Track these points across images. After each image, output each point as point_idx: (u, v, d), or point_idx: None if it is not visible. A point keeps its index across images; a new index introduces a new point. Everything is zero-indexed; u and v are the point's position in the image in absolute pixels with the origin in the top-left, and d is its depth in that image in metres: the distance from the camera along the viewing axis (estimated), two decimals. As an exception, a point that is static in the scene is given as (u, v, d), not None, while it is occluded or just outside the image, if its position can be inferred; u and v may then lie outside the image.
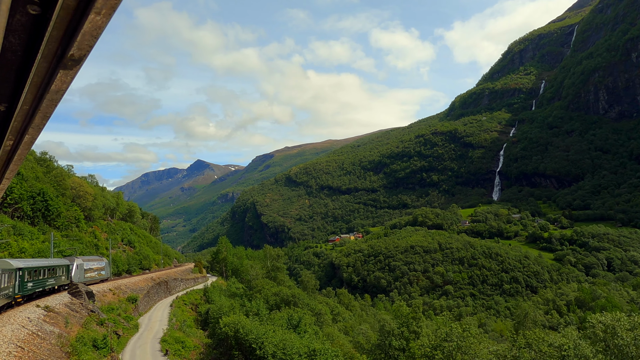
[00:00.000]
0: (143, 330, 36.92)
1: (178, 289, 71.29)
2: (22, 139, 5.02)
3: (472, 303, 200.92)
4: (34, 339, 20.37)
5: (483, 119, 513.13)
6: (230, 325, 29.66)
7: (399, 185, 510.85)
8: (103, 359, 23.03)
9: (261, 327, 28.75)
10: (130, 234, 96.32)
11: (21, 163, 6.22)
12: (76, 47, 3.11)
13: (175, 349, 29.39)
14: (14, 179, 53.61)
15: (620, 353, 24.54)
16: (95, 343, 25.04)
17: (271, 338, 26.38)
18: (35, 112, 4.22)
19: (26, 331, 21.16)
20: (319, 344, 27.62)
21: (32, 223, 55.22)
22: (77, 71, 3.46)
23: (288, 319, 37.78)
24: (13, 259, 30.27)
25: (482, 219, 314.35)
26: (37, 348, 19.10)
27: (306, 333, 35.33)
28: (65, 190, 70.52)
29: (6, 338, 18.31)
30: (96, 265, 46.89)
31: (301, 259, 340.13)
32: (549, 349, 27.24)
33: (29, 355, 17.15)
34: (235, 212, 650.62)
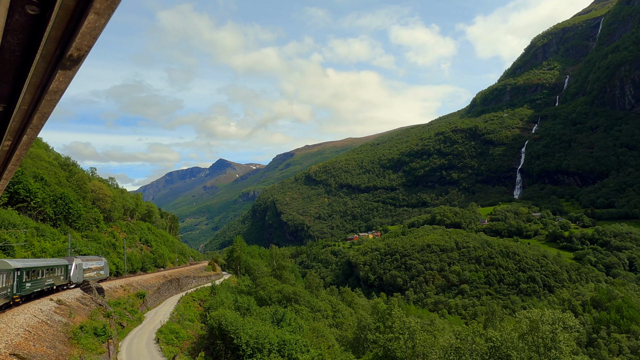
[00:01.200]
0: (146, 323, 40.83)
1: (190, 286, 75.59)
2: (21, 139, 5.07)
3: (488, 302, 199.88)
4: (42, 326, 24.17)
5: (504, 115, 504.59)
6: (215, 318, 33.25)
7: (418, 183, 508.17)
8: (101, 345, 26.84)
9: (240, 320, 32.17)
10: (148, 234, 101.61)
11: (19, 163, 6.26)
12: (75, 48, 3.10)
13: (169, 339, 33.03)
14: (38, 184, 58.70)
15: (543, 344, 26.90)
16: (96, 331, 28.84)
17: (247, 329, 29.86)
18: (34, 112, 4.28)
19: (36, 320, 25.01)
20: (289, 335, 30.87)
21: (55, 225, 60.24)
22: (75, 71, 3.47)
23: (273, 313, 41.22)
24: (11, 259, 30.65)
25: (502, 217, 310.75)
26: (43, 333, 22.83)
27: (289, 326, 38.72)
28: (85, 194, 75.84)
29: (17, 324, 22.12)
30: (95, 265, 47.91)
31: (319, 257, 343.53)
32: (481, 340, 29.59)
33: (34, 338, 20.85)
34: (255, 211, 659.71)
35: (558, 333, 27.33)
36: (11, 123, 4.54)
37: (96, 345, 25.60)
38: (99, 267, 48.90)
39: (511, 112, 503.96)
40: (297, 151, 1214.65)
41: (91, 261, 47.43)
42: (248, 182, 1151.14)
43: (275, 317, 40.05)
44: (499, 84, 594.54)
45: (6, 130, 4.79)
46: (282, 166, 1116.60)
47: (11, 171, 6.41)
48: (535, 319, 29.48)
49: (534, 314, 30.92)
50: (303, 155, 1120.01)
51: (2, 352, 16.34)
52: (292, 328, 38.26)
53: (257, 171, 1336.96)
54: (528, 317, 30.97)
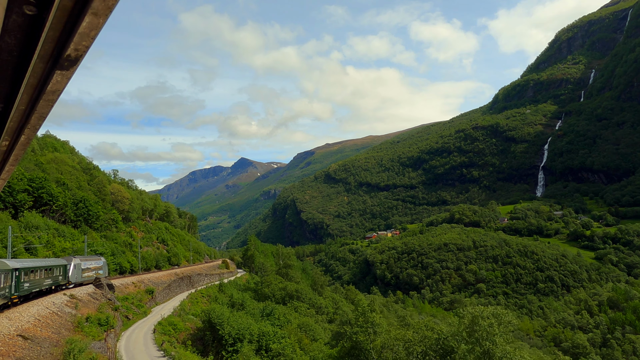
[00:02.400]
0: (151, 316, 44.86)
1: (201, 283, 79.99)
2: (18, 139, 5.05)
3: (505, 302, 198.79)
4: (52, 316, 28.17)
5: (527, 112, 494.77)
6: (205, 312, 36.90)
7: (438, 181, 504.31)
8: (102, 333, 30.77)
9: (227, 314, 35.69)
10: (165, 233, 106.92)
11: (17, 164, 6.14)
12: (73, 48, 3.08)
13: (166, 330, 36.79)
14: (59, 188, 63.93)
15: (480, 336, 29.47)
16: (100, 322, 32.83)
17: (231, 322, 33.41)
18: (32, 112, 4.26)
19: (48, 311, 29.06)
20: (270, 328, 34.23)
21: (75, 226, 65.39)
22: (73, 72, 3.45)
23: (262, 309, 44.68)
24: (9, 259, 31.00)
25: (522, 216, 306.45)
26: (51, 321, 26.76)
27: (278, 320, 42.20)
28: (105, 196, 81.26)
29: (29, 314, 26.11)
30: (94, 264, 48.37)
31: (337, 256, 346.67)
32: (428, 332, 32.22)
33: (42, 325, 24.73)
34: (276, 209, 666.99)
35: (494, 327, 30.04)
36: (9, 123, 4.59)
37: (97, 333, 29.56)
38: (97, 267, 49.43)
39: (534, 109, 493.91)
40: (318, 149, 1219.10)
41: (90, 261, 47.96)
42: (269, 181, 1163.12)
43: (264, 312, 43.63)
44: (522, 80, 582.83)
45: (4, 131, 4.81)
46: (303, 164, 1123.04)
47: (9, 171, 6.40)
48: (476, 314, 31.90)
49: (476, 310, 33.34)
50: (323, 154, 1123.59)
51: (11, 333, 20.14)
52: (280, 322, 41.83)
53: (278, 170, 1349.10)
54: (471, 312, 33.42)
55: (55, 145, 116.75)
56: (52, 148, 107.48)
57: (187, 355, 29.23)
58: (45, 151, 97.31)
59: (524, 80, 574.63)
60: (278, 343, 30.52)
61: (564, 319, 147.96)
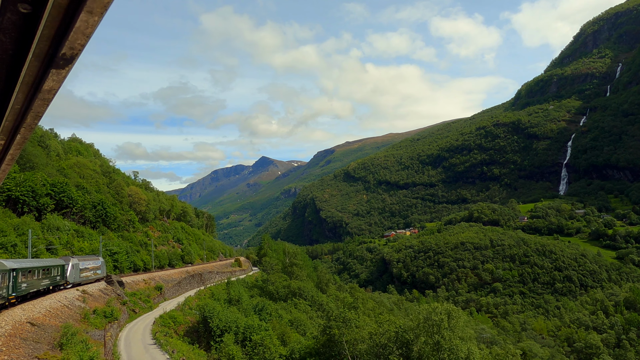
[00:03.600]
0: (156, 310, 48.89)
1: (212, 280, 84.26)
2: (14, 138, 5.01)
3: (521, 301, 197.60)
4: (62, 308, 32.29)
5: (550, 107, 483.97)
6: (200, 306, 40.64)
7: (458, 179, 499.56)
8: (107, 324, 34.77)
9: (218, 308, 39.28)
10: (181, 232, 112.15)
11: (13, 163, 6.03)
12: (68, 46, 3.06)
13: (166, 322, 40.62)
14: (79, 192, 69.15)
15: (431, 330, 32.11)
16: (105, 314, 36.89)
17: (220, 315, 37.01)
18: (27, 111, 4.23)
19: (59, 304, 33.20)
20: (255, 321, 37.62)
21: (94, 227, 70.55)
22: (69, 70, 3.41)
23: (255, 305, 48.15)
24: (7, 260, 30.96)
25: (542, 214, 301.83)
26: (61, 313, 30.82)
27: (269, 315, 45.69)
28: (123, 198, 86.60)
29: (41, 306, 30.22)
30: (92, 264, 48.42)
31: (355, 254, 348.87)
32: (391, 327, 34.97)
33: (51, 315, 28.72)
34: (296, 208, 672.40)
35: (444, 322, 32.80)
36: (4, 122, 4.55)
37: (102, 324, 33.56)
38: (96, 267, 49.63)
39: (557, 104, 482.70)
40: (338, 148, 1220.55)
41: (88, 261, 48.16)
42: (290, 179, 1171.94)
43: (257, 308, 47.17)
44: (545, 75, 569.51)
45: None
46: (323, 163, 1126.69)
47: (5, 171, 6.30)
48: (430, 311, 34.49)
49: (430, 307, 35.91)
50: (343, 152, 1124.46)
51: (22, 320, 24.03)
52: (271, 317, 45.38)
53: (298, 168, 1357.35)
54: (426, 309, 36.06)
55: (80, 148, 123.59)
56: (76, 152, 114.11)
57: (175, 342, 32.92)
58: (70, 155, 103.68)
59: (547, 75, 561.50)
60: (257, 334, 33.90)
61: (578, 319, 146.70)
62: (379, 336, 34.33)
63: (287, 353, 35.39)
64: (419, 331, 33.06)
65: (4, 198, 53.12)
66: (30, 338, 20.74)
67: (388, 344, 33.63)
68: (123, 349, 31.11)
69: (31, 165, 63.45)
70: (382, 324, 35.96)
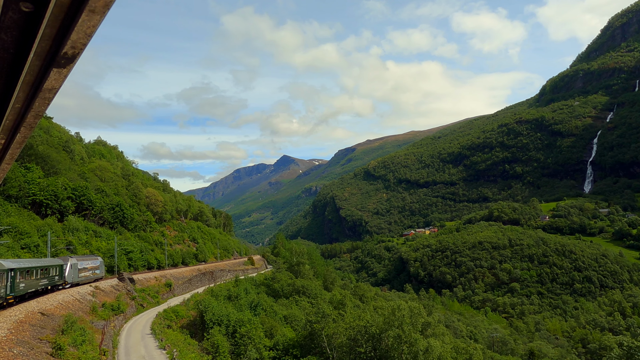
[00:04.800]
0: (163, 305, 52.84)
1: (223, 278, 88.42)
2: (14, 137, 5.03)
3: (538, 302, 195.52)
4: (74, 302, 36.51)
5: (575, 104, 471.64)
6: (198, 301, 44.52)
7: (479, 177, 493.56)
8: (113, 316, 38.92)
9: (214, 303, 42.92)
10: (196, 232, 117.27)
11: (13, 162, 5.93)
12: (70, 46, 3.07)
13: (168, 316, 44.49)
14: (98, 195, 74.45)
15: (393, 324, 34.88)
16: (113, 307, 41.07)
17: (214, 309, 40.66)
18: (28, 110, 4.24)
19: (72, 298, 37.46)
20: (247, 316, 41.04)
21: (112, 227, 75.76)
22: (70, 69, 3.42)
23: (250, 301, 51.65)
24: (5, 260, 30.94)
25: (564, 213, 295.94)
26: (72, 306, 34.98)
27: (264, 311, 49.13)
28: (140, 200, 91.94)
29: (55, 300, 34.44)
30: (90, 264, 48.64)
31: (373, 253, 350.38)
32: (361, 322, 37.86)
33: (62, 307, 32.84)
34: (316, 206, 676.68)
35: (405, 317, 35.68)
36: (4, 121, 4.55)
37: (108, 316, 37.75)
38: (94, 267, 49.91)
39: (583, 100, 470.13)
40: (359, 146, 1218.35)
41: (86, 260, 48.41)
42: (311, 178, 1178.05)
43: (252, 304, 50.72)
44: (571, 70, 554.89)
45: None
46: (344, 161, 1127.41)
47: (4, 169, 6.14)
48: (394, 307, 37.14)
49: (394, 304, 38.56)
50: (364, 150, 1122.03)
51: (35, 311, 28.10)
52: (266, 313, 48.91)
53: (319, 167, 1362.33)
54: (391, 306, 38.69)
55: (103, 151, 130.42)
56: (99, 155, 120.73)
57: (169, 332, 36.60)
58: (93, 159, 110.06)
59: (572, 70, 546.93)
60: (244, 327, 37.27)
61: (594, 320, 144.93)
62: (350, 330, 37.43)
63: (272, 345, 38.87)
64: (384, 326, 35.96)
65: (29, 202, 58.52)
66: (37, 324, 24.73)
67: (357, 337, 36.73)
68: (124, 337, 35.16)
69: (55, 171, 68.95)
70: (354, 319, 39.00)
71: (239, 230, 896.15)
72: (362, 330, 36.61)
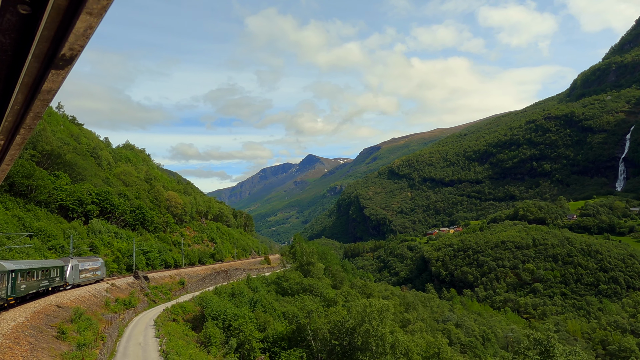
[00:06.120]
0: (174, 301, 57.63)
1: (238, 276, 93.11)
2: (14, 139, 5.06)
3: (562, 302, 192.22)
4: (90, 297, 41.46)
5: (607, 98, 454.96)
6: (200, 297, 48.96)
7: (506, 175, 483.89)
8: (124, 310, 43.70)
9: (215, 300, 47.07)
10: (215, 232, 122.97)
11: (12, 163, 5.96)
12: (68, 47, 3.08)
13: (176, 311, 49.04)
14: (120, 199, 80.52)
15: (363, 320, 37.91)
16: (125, 302, 45.88)
17: (213, 305, 44.87)
18: (27, 112, 4.26)
19: (88, 294, 42.43)
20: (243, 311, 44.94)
21: (133, 229, 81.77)
22: (68, 71, 3.43)
23: (250, 298, 55.64)
24: (6, 261, 31.02)
25: (593, 212, 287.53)
26: (87, 300, 39.85)
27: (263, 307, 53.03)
28: (160, 202, 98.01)
29: (73, 295, 39.38)
30: (91, 265, 48.97)
31: (395, 252, 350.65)
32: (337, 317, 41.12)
33: (78, 301, 37.61)
34: (340, 205, 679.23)
35: (374, 313, 38.78)
36: (4, 123, 4.57)
37: (120, 309, 42.59)
38: (95, 268, 50.38)
39: (616, 94, 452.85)
40: (384, 144, 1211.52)
41: (87, 262, 48.77)
42: (336, 177, 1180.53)
43: (252, 301, 54.73)
44: (603, 63, 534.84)
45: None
46: (369, 160, 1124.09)
47: (4, 171, 6.26)
48: (366, 304, 40.12)
49: (366, 302, 41.53)
50: (389, 148, 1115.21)
51: (52, 304, 32.92)
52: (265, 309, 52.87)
53: (344, 165, 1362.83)
54: (364, 302, 41.69)
55: (129, 156, 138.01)
56: (125, 159, 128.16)
57: (170, 324, 40.90)
58: (120, 163, 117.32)
59: (605, 63, 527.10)
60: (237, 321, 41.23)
61: (615, 322, 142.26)
62: (329, 325, 40.82)
63: (262, 337, 42.69)
64: (354, 321, 39.19)
65: (57, 206, 64.70)
66: (52, 314, 29.42)
67: (334, 331, 40.09)
68: (130, 327, 39.81)
69: (81, 177, 75.34)
70: (331, 314, 42.46)
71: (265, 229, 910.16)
72: (339, 325, 40.06)
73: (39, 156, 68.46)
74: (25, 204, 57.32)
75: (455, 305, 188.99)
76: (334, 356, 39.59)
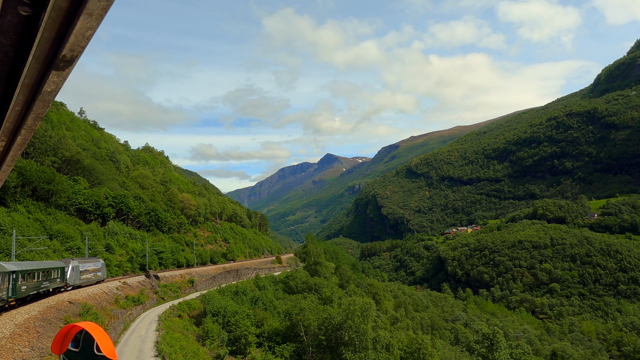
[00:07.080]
0: (182, 299, 61.22)
1: (248, 275, 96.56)
2: (15, 140, 5.04)
3: (579, 303, 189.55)
4: (101, 294, 45.10)
5: (632, 93, 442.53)
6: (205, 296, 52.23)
7: (526, 174, 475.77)
8: (133, 306, 47.19)
9: (217, 297, 50.16)
10: (229, 232, 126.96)
11: (13, 164, 6.03)
12: (68, 48, 3.06)
13: (182, 308, 52.41)
14: (136, 202, 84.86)
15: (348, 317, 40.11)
16: (134, 299, 49.47)
17: (215, 302, 48.03)
18: (28, 113, 4.25)
19: (100, 291, 46.09)
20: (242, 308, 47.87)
21: (148, 230, 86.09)
22: (69, 72, 3.42)
23: (252, 297, 58.66)
24: (6, 262, 31.22)
25: (614, 211, 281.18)
26: (98, 297, 43.47)
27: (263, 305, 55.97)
28: (175, 204, 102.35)
29: (85, 292, 43.01)
30: (92, 266, 49.17)
31: (412, 252, 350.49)
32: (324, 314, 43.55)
33: (90, 298, 41.21)
34: (358, 204, 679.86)
35: (357, 311, 41.10)
36: (5, 124, 4.58)
37: (128, 306, 46.16)
38: (96, 269, 50.52)
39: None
40: (402, 143, 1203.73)
41: (88, 263, 48.87)
42: (354, 176, 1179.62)
43: (253, 300, 57.76)
44: (628, 58, 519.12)
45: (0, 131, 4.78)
46: (387, 159, 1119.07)
47: (5, 172, 6.28)
48: (350, 302, 42.47)
49: (350, 300, 43.80)
50: (408, 147, 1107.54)
51: (65, 300, 36.48)
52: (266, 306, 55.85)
53: (362, 164, 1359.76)
54: (349, 301, 43.99)
55: (147, 159, 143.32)
56: (143, 162, 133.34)
57: (173, 320, 44.11)
58: (138, 166, 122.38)
59: (630, 58, 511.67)
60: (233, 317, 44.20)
61: (632, 323, 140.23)
62: (318, 321, 43.43)
63: (258, 333, 45.61)
64: (340, 318, 41.63)
65: (75, 209, 69.19)
66: (62, 309, 32.96)
67: (321, 326, 42.69)
68: (136, 322, 43.34)
69: (99, 181, 79.96)
70: (321, 312, 45.07)
71: (284, 228, 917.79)
72: (327, 321, 42.68)
73: (59, 162, 73.17)
74: (46, 207, 61.79)
75: (469, 305, 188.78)
76: (322, 350, 42.42)
